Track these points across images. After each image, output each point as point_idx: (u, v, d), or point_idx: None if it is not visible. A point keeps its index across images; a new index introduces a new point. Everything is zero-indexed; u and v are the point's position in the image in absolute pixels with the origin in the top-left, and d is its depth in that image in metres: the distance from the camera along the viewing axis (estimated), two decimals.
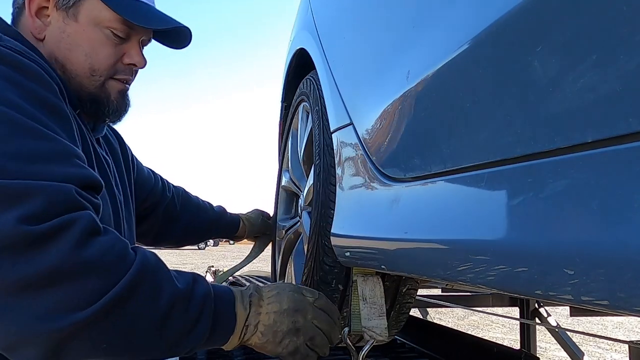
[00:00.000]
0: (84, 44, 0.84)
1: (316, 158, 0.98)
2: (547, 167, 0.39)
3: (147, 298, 0.61)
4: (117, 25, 0.85)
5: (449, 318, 6.21)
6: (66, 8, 0.83)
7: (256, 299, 0.73)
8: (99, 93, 0.88)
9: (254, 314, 0.71)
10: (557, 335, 2.49)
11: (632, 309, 0.31)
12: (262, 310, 0.72)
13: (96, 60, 0.86)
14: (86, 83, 0.86)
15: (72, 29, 0.84)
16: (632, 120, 0.31)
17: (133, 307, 0.59)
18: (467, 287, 2.01)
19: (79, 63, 0.85)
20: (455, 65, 0.52)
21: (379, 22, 0.78)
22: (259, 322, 0.71)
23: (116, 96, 0.90)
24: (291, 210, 1.41)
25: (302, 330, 0.73)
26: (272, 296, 0.74)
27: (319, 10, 1.16)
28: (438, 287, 2.68)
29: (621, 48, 0.32)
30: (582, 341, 4.80)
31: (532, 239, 0.39)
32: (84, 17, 0.84)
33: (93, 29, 0.85)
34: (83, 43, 0.84)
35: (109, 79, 0.88)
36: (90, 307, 0.56)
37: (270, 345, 0.72)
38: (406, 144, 0.64)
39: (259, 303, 0.73)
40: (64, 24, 0.84)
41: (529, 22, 0.41)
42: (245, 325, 0.71)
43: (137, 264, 0.61)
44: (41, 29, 0.84)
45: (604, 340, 3.43)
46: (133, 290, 0.59)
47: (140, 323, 0.60)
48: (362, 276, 0.84)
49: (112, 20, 0.85)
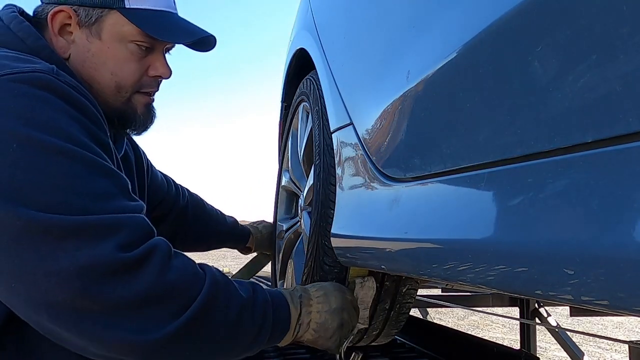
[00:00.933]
0: (109, 62, 0.83)
1: (316, 158, 0.98)
2: (547, 167, 0.39)
3: (221, 309, 0.69)
4: (141, 37, 0.84)
5: (449, 318, 6.21)
6: (89, 25, 0.82)
7: (306, 299, 0.81)
8: (125, 109, 0.87)
9: (306, 313, 0.79)
10: (557, 335, 2.49)
11: (632, 309, 0.31)
12: (312, 309, 0.80)
13: (122, 77, 0.85)
14: (112, 100, 0.85)
15: (97, 48, 0.82)
16: (632, 120, 0.31)
17: (210, 318, 0.68)
18: (467, 287, 2.00)
19: (105, 82, 0.84)
20: (455, 65, 0.52)
21: (379, 22, 0.78)
22: (311, 320, 0.80)
23: (142, 110, 0.90)
24: (291, 210, 1.41)
25: (345, 326, 0.83)
26: (320, 296, 0.82)
27: (319, 10, 1.16)
28: (438, 287, 2.68)
29: (621, 48, 0.32)
30: (582, 341, 4.80)
31: (532, 239, 0.39)
32: (107, 33, 0.82)
33: (117, 45, 0.83)
34: (108, 61, 0.83)
35: (134, 94, 0.87)
36: (176, 321, 0.64)
37: (321, 340, 0.81)
38: (406, 143, 0.64)
39: (309, 303, 0.81)
40: (88, 42, 0.82)
41: (529, 22, 0.41)
42: (298, 323, 0.78)
43: (209, 280, 0.69)
44: (66, 48, 0.82)
45: (604, 340, 3.43)
46: (209, 304, 0.67)
47: (217, 331, 0.68)
48: (360, 281, 0.88)
49: (136, 34, 0.83)
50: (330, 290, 0.84)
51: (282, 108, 1.58)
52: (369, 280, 0.88)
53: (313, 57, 1.10)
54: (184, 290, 0.66)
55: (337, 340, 0.82)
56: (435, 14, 0.59)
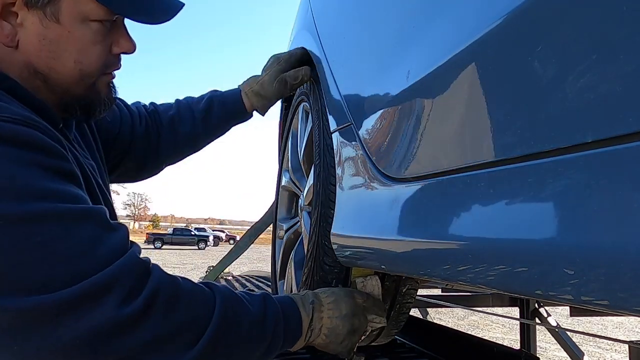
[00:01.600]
0: (72, 49, 0.71)
1: (316, 158, 0.98)
2: (547, 167, 0.39)
3: (233, 329, 0.68)
4: (106, 14, 0.71)
5: (449, 318, 6.21)
6: (41, 6, 0.67)
7: (317, 305, 0.81)
8: (89, 94, 0.76)
9: (317, 319, 0.79)
10: (557, 335, 2.49)
11: (632, 309, 0.31)
12: (323, 315, 0.80)
13: (87, 64, 0.73)
14: (74, 88, 0.74)
15: (55, 33, 0.69)
16: (632, 120, 0.31)
17: (224, 340, 0.67)
18: (467, 287, 2.00)
19: (67, 71, 0.72)
20: (455, 65, 0.52)
21: (379, 22, 0.78)
22: (322, 326, 0.80)
23: (106, 91, 0.79)
24: (291, 210, 1.42)
25: (357, 331, 0.82)
26: (331, 302, 0.82)
27: (319, 10, 1.16)
28: (438, 287, 2.68)
29: (621, 48, 0.32)
30: (582, 341, 4.80)
31: (532, 239, 0.39)
32: (67, 15, 0.69)
33: (79, 27, 0.70)
34: (70, 48, 0.71)
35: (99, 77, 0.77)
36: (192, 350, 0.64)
37: (332, 345, 0.81)
38: (406, 143, 0.64)
39: (320, 309, 0.80)
40: (42, 27, 0.68)
41: (529, 22, 0.41)
42: (310, 328, 0.79)
43: (219, 305, 0.68)
44: (12, 35, 0.68)
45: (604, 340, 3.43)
46: (221, 328, 0.67)
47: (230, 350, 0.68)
48: (362, 280, 0.88)
49: (100, 12, 0.71)
50: (341, 295, 0.83)
51: (282, 108, 1.58)
52: (371, 279, 0.88)
53: (313, 57, 1.11)
54: (194, 321, 0.65)
55: (347, 346, 0.82)
56: (435, 13, 0.59)
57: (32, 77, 0.71)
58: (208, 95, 1.17)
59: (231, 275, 3.43)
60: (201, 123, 1.14)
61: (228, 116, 1.16)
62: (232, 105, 1.15)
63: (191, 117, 1.14)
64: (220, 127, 1.18)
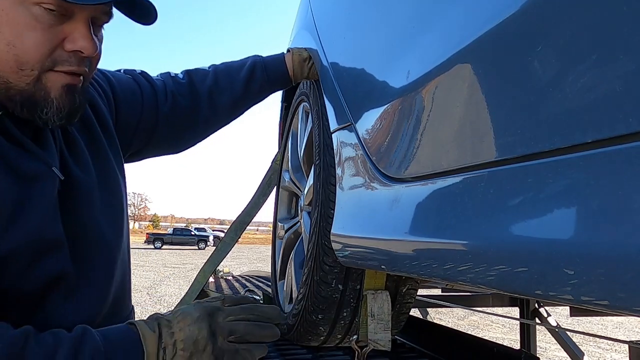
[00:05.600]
0: (5, 30, 0.65)
1: (316, 158, 0.98)
2: (547, 167, 0.39)
3: None
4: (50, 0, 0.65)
5: (449, 318, 6.22)
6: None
7: (164, 320, 0.71)
8: (33, 91, 0.68)
9: (167, 334, 0.69)
10: (557, 335, 2.49)
11: (632, 309, 0.31)
12: (174, 328, 0.70)
13: (22, 49, 0.66)
14: (14, 79, 0.67)
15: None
16: (632, 120, 0.31)
17: None
18: (467, 287, 2.00)
19: (1, 54, 0.65)
20: (455, 65, 0.52)
21: (379, 22, 0.78)
22: (176, 340, 0.69)
23: (58, 92, 0.70)
24: (291, 210, 1.42)
25: (218, 331, 0.71)
26: (179, 314, 0.72)
27: (319, 10, 1.16)
28: (438, 287, 2.68)
29: (621, 48, 0.32)
30: (582, 341, 4.80)
31: (532, 239, 0.39)
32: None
33: (15, 8, 0.65)
34: (3, 28, 0.65)
35: (46, 72, 0.69)
36: None
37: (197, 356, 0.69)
38: (406, 143, 0.64)
39: (169, 324, 0.71)
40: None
41: (529, 22, 0.41)
42: (161, 347, 0.68)
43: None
44: None
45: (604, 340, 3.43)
46: None
47: None
48: (372, 293, 0.86)
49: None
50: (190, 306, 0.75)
51: (282, 108, 1.58)
52: (382, 293, 0.86)
53: (313, 57, 1.11)
54: None
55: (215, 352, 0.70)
56: (435, 13, 0.59)
57: None
58: (250, 60, 1.12)
59: (231, 275, 3.43)
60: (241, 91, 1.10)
61: (270, 84, 1.13)
62: (275, 73, 1.12)
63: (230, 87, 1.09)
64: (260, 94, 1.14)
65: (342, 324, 0.95)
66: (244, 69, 1.11)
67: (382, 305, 0.84)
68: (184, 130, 1.08)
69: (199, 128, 1.10)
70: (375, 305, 0.85)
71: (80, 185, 0.81)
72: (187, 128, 1.08)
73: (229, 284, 2.78)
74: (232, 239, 1.28)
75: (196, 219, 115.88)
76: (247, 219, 1.29)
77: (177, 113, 1.04)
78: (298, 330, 0.99)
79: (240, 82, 1.09)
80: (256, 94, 1.13)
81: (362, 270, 0.89)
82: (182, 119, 1.05)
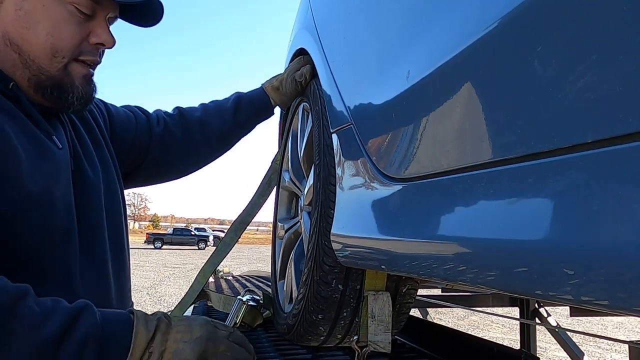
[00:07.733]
0: (45, 21, 0.76)
1: (316, 158, 0.98)
2: (547, 167, 0.39)
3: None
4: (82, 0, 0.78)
5: (449, 318, 6.22)
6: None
7: (164, 324, 0.69)
8: (61, 77, 0.80)
9: (160, 340, 0.67)
10: (557, 335, 2.49)
11: (632, 309, 0.31)
12: (169, 337, 0.68)
13: (59, 39, 0.77)
14: (47, 65, 0.78)
15: (30, 5, 0.75)
16: (632, 120, 0.31)
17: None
18: (467, 287, 2.00)
19: (39, 43, 0.76)
20: (456, 65, 0.52)
21: (379, 22, 0.78)
22: (164, 350, 0.67)
23: (81, 81, 0.82)
24: (291, 210, 1.41)
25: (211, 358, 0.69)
26: (182, 325, 0.70)
27: (319, 10, 1.16)
28: (438, 287, 2.68)
29: (621, 48, 0.32)
30: (582, 341, 4.80)
31: (532, 239, 0.39)
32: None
33: (55, 4, 0.76)
34: (44, 20, 0.76)
35: (72, 62, 0.81)
36: None
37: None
38: (406, 143, 0.64)
39: (167, 330, 0.69)
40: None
41: (529, 22, 0.41)
42: (148, 351, 0.66)
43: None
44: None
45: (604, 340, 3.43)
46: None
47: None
48: (373, 294, 0.86)
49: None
50: (196, 320, 0.73)
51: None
52: (383, 294, 0.85)
53: (313, 57, 1.11)
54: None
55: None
56: (435, 13, 0.59)
57: (8, 49, 0.76)
58: (234, 95, 1.25)
59: (231, 275, 3.43)
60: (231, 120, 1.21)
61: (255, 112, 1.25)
62: (258, 101, 1.24)
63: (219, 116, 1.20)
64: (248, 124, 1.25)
65: (342, 324, 0.95)
66: (230, 101, 1.23)
67: (383, 307, 0.84)
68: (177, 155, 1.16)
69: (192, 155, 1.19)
70: (376, 307, 0.85)
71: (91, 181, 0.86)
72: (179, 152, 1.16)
73: (229, 284, 2.78)
74: (232, 239, 1.28)
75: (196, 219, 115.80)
76: (247, 219, 1.30)
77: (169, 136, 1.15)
78: (298, 330, 0.99)
79: (228, 111, 1.22)
80: (244, 124, 1.24)
81: (362, 270, 0.89)
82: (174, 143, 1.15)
